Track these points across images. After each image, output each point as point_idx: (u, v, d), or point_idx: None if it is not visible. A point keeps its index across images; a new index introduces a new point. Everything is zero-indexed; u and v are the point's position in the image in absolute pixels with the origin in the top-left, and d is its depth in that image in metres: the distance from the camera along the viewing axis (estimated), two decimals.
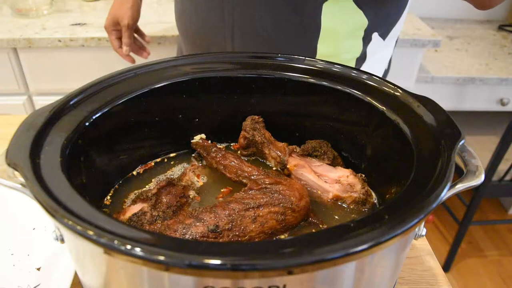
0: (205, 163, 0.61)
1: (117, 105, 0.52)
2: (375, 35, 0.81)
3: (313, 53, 0.79)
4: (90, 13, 1.52)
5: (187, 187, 0.55)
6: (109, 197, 0.55)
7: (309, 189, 0.55)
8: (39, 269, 0.54)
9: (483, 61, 1.75)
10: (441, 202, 0.37)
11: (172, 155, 0.63)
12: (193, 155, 0.63)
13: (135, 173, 0.59)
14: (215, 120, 0.63)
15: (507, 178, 1.65)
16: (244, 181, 0.55)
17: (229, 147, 0.65)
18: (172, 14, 0.99)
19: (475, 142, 1.85)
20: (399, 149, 0.49)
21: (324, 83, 0.57)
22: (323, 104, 0.60)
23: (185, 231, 0.44)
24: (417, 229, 0.42)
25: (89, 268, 0.40)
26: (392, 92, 0.54)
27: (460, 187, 0.41)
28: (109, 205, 0.54)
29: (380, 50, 0.85)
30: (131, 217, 0.48)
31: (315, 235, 0.34)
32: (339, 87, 0.57)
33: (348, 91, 0.56)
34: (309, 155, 0.59)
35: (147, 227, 0.47)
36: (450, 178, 0.39)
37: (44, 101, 1.44)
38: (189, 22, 0.87)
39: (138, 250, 0.30)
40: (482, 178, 0.42)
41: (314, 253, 0.31)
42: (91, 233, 0.32)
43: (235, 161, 0.58)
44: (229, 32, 0.80)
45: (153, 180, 0.58)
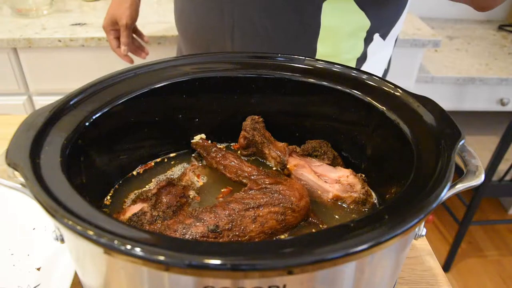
0: (205, 163, 0.61)
1: (117, 105, 0.52)
2: (376, 36, 0.81)
3: (313, 53, 0.79)
4: (90, 13, 1.52)
5: (187, 187, 0.55)
6: (109, 197, 0.55)
7: (309, 189, 0.55)
8: (39, 269, 0.54)
9: (483, 61, 1.75)
10: (441, 202, 0.37)
11: (172, 155, 0.63)
12: (193, 155, 0.63)
13: (135, 173, 0.59)
14: (215, 120, 0.63)
15: (507, 178, 1.65)
16: (244, 181, 0.55)
17: (229, 147, 0.65)
18: (172, 14, 0.99)
19: (475, 142, 1.85)
20: (399, 149, 0.49)
21: (324, 83, 0.57)
22: (323, 104, 0.60)
23: (185, 231, 0.44)
24: (417, 229, 0.42)
25: (89, 268, 0.40)
26: (392, 92, 0.54)
27: (460, 187, 0.41)
28: (109, 205, 0.54)
29: (380, 50, 0.85)
30: (131, 217, 0.48)
31: (315, 235, 0.34)
32: (339, 87, 0.57)
33: (348, 91, 0.56)
34: (309, 155, 0.59)
35: (147, 227, 0.47)
36: (450, 178, 0.39)
37: (44, 101, 1.44)
38: (188, 22, 0.87)
39: (138, 250, 0.30)
40: (482, 178, 0.42)
41: (314, 253, 0.31)
42: (91, 233, 0.32)
43: (235, 161, 0.58)
44: (229, 32, 0.80)
45: (153, 180, 0.58)
